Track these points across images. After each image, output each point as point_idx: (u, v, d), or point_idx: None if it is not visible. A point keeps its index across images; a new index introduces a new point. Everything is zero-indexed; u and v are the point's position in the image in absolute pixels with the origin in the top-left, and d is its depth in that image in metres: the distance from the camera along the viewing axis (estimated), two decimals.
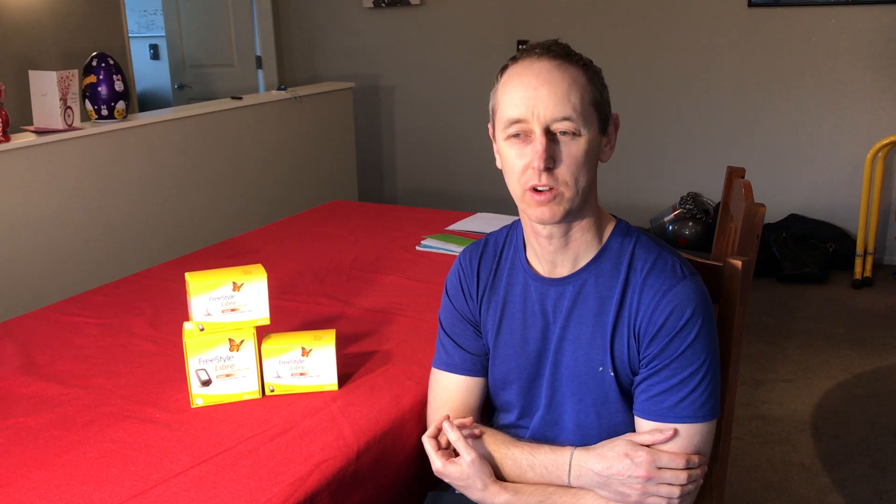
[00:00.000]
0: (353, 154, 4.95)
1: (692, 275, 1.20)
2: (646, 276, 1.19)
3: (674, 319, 1.16)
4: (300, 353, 1.41)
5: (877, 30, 4.10)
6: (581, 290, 1.23)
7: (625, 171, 4.71)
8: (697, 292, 1.18)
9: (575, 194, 1.16)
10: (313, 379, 1.43)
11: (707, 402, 1.18)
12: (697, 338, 1.16)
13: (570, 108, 1.14)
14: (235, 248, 2.34)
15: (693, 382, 1.17)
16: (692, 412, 1.17)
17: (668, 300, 1.17)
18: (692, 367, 1.17)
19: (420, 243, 2.29)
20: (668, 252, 1.23)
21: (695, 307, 1.16)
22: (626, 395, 1.23)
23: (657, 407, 1.18)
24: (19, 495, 1.15)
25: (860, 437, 2.65)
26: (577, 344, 1.24)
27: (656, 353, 1.18)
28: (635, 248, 1.23)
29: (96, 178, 3.30)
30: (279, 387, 1.42)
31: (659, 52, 4.58)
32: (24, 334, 1.73)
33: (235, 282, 1.38)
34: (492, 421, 1.40)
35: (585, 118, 1.16)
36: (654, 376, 1.18)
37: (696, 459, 1.17)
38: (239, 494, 1.14)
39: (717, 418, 1.20)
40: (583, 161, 1.16)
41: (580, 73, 1.17)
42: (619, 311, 1.20)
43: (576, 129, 1.15)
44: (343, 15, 5.36)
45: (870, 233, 4.12)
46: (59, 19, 4.39)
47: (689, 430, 1.17)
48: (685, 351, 1.16)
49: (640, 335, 1.19)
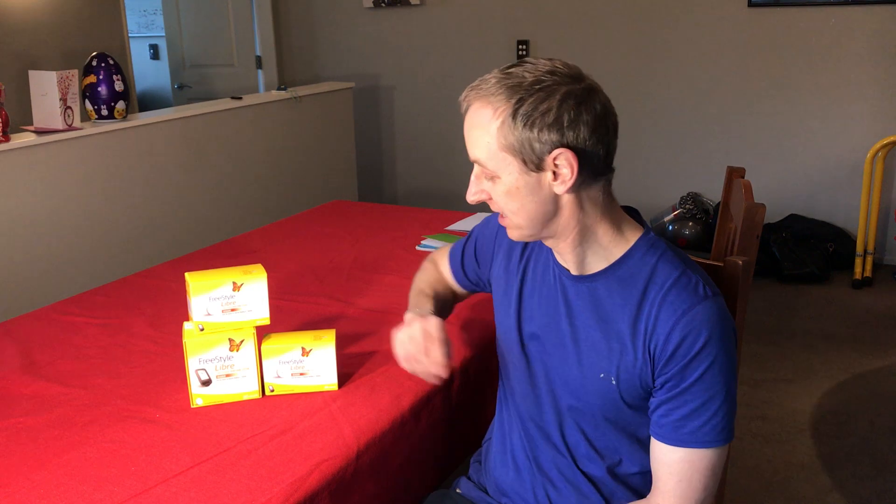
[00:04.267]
0: (353, 154, 4.95)
1: (715, 295, 1.17)
2: (666, 293, 1.16)
3: (690, 341, 1.13)
4: (300, 352, 1.41)
5: (877, 30, 4.10)
6: (594, 293, 1.22)
7: (625, 171, 4.69)
8: (718, 314, 1.14)
9: (518, 225, 1.19)
10: (313, 379, 1.43)
11: (727, 426, 1.17)
12: (716, 361, 1.14)
13: (479, 152, 1.15)
14: (235, 248, 2.34)
15: (714, 407, 1.15)
16: (715, 436, 1.16)
17: (687, 321, 1.14)
18: (712, 391, 1.15)
19: (420, 243, 2.29)
20: (693, 270, 1.19)
21: (712, 330, 1.13)
22: (627, 404, 1.22)
23: (677, 433, 1.17)
24: (19, 495, 1.15)
25: (860, 437, 2.65)
26: (582, 345, 1.23)
27: (673, 374, 1.15)
28: (658, 262, 1.19)
29: (96, 178, 3.30)
30: (279, 387, 1.42)
31: (659, 51, 4.58)
32: (24, 334, 1.73)
33: (235, 282, 1.38)
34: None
35: (497, 162, 1.14)
36: (673, 400, 1.16)
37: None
38: (239, 494, 1.14)
39: (732, 440, 1.20)
40: (506, 201, 1.16)
41: (493, 118, 1.12)
42: (635, 324, 1.18)
43: (488, 173, 1.16)
44: (343, 15, 5.36)
45: (870, 233, 4.12)
46: (59, 19, 4.39)
47: (710, 452, 1.17)
48: (704, 374, 1.14)
49: (655, 354, 1.16)
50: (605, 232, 1.20)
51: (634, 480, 1.28)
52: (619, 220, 1.22)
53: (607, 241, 1.21)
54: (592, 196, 1.18)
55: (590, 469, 1.29)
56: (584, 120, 1.11)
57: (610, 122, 1.15)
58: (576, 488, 1.29)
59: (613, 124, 1.16)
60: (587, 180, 1.16)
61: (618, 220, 1.22)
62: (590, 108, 1.12)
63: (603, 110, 1.14)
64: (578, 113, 1.11)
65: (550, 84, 1.11)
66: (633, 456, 1.27)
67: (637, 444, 1.26)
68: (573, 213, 1.17)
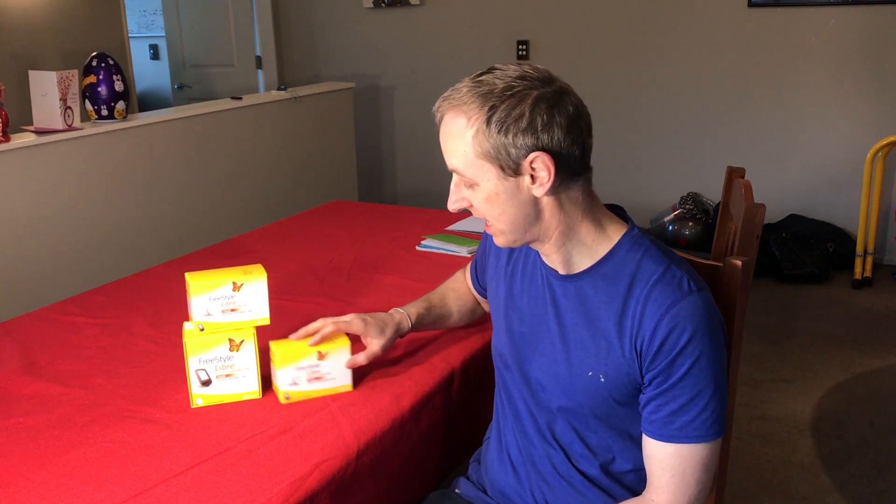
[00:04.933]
0: (353, 154, 4.95)
1: (700, 289, 1.17)
2: (651, 289, 1.17)
3: (675, 336, 1.14)
4: (316, 357, 1.41)
5: (877, 30, 4.10)
6: (580, 291, 1.23)
7: (625, 171, 4.71)
8: (703, 308, 1.15)
9: (502, 231, 1.20)
10: (328, 383, 1.42)
11: (717, 420, 1.17)
12: (703, 355, 1.14)
13: (454, 161, 1.17)
14: (235, 248, 2.34)
15: (703, 401, 1.16)
16: (705, 430, 1.16)
17: (672, 316, 1.14)
18: (701, 385, 1.15)
19: (420, 243, 2.29)
20: (678, 265, 1.20)
21: (698, 324, 1.14)
22: (617, 401, 1.22)
23: (667, 428, 1.17)
24: (19, 495, 1.15)
25: (860, 437, 2.65)
26: (570, 343, 1.24)
27: (660, 370, 1.16)
28: (643, 258, 1.20)
29: (96, 179, 3.30)
30: (295, 393, 1.41)
31: (659, 52, 4.58)
32: (24, 334, 1.73)
33: (235, 282, 1.38)
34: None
35: (475, 170, 1.15)
36: (662, 396, 1.17)
37: None
38: (239, 494, 1.14)
39: (724, 434, 1.20)
40: (487, 207, 1.18)
41: (467, 127, 1.13)
42: (621, 321, 1.19)
43: (466, 181, 1.18)
44: (343, 15, 5.37)
45: (870, 233, 4.12)
46: (59, 19, 4.39)
47: (702, 447, 1.17)
48: (691, 369, 1.15)
49: (642, 350, 1.17)
50: (588, 231, 1.22)
51: (629, 478, 1.29)
52: (602, 218, 1.24)
53: (591, 239, 1.22)
54: (572, 196, 1.19)
55: (584, 467, 1.29)
56: (557, 122, 1.12)
57: (583, 122, 1.16)
58: (571, 487, 1.30)
59: (587, 124, 1.17)
60: (565, 181, 1.17)
61: (600, 219, 1.23)
62: (562, 110, 1.13)
63: (575, 111, 1.15)
64: (551, 116, 1.12)
65: (521, 89, 1.12)
66: (626, 454, 1.27)
67: (629, 442, 1.26)
68: (554, 215, 1.19)
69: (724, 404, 1.18)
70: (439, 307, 1.61)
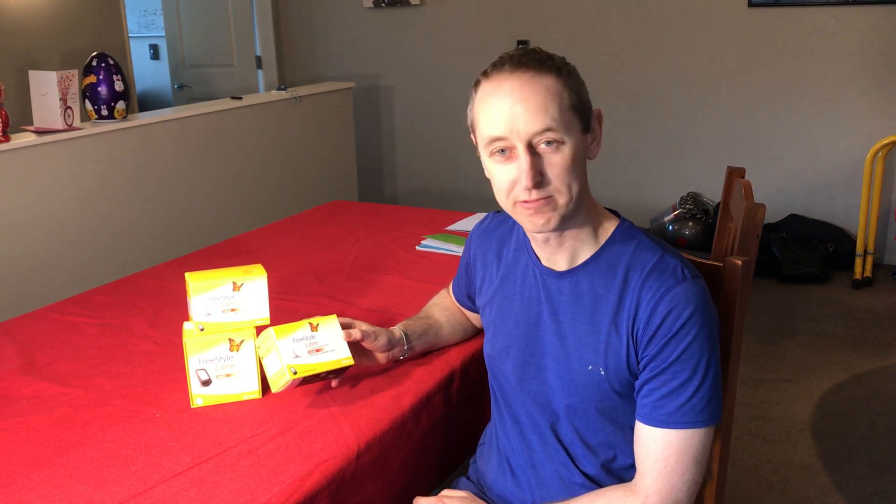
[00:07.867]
0: (353, 154, 4.95)
1: (694, 277, 1.18)
2: (645, 278, 1.18)
3: (671, 320, 1.15)
4: (309, 328, 1.39)
5: (877, 30, 4.10)
6: (576, 286, 1.24)
7: (625, 171, 4.71)
8: (697, 294, 1.16)
9: (569, 200, 1.16)
10: (329, 355, 1.37)
11: (708, 405, 1.17)
12: (696, 339, 1.15)
13: (549, 119, 1.12)
14: (235, 248, 2.34)
15: (693, 386, 1.16)
16: (693, 417, 1.16)
17: (667, 301, 1.15)
18: (692, 369, 1.15)
19: (420, 243, 2.29)
20: (671, 254, 1.21)
21: (693, 308, 1.15)
22: (618, 393, 1.23)
23: (658, 412, 1.17)
24: (19, 495, 1.15)
25: (860, 437, 2.65)
26: (569, 340, 1.24)
27: (654, 354, 1.17)
28: (636, 249, 1.22)
29: (96, 178, 3.30)
30: (301, 367, 1.34)
31: (659, 51, 4.58)
32: (24, 334, 1.73)
33: (235, 282, 1.38)
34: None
35: (566, 125, 1.14)
36: (654, 380, 1.18)
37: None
38: (239, 494, 1.14)
39: (718, 422, 1.19)
40: (571, 168, 1.15)
41: (554, 81, 1.14)
42: (617, 311, 1.20)
43: (559, 138, 1.14)
44: (343, 15, 5.37)
45: (870, 233, 4.12)
46: (59, 19, 4.39)
47: (689, 435, 1.16)
48: (684, 353, 1.15)
49: (638, 337, 1.18)
50: (591, 213, 1.24)
51: (630, 474, 1.28)
52: (596, 205, 1.26)
53: (592, 226, 1.24)
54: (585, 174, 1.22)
55: (585, 467, 1.29)
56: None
57: None
58: (571, 488, 1.29)
59: None
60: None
61: (595, 205, 1.25)
62: None
63: None
64: None
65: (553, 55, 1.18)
66: (627, 449, 1.27)
67: (632, 436, 1.26)
68: (586, 188, 1.21)
69: (716, 393, 1.18)
70: (424, 318, 1.57)
